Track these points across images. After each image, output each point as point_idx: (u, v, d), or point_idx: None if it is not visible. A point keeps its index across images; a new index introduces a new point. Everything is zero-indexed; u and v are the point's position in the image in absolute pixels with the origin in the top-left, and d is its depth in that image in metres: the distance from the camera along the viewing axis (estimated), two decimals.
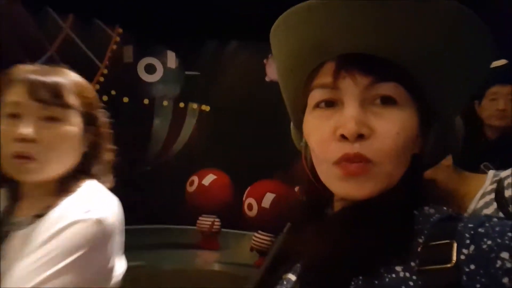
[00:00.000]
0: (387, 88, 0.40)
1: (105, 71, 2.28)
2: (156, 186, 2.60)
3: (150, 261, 2.12)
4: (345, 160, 0.41)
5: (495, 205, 0.92)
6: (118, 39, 2.34)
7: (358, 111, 0.40)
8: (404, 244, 0.40)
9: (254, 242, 2.32)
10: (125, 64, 2.36)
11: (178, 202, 2.60)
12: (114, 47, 2.31)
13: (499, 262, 0.34)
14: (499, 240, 0.36)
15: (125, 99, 2.30)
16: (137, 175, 2.49)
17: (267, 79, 2.81)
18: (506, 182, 0.87)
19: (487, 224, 0.38)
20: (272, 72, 2.78)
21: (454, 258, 0.37)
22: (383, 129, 0.40)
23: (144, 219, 2.50)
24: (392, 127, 0.40)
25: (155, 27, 2.33)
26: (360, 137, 0.40)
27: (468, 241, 0.37)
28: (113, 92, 2.31)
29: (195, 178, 2.60)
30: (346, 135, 0.40)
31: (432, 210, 0.43)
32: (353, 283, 0.40)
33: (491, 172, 0.96)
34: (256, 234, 2.32)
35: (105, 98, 2.22)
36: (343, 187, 0.42)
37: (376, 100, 0.40)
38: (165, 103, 2.45)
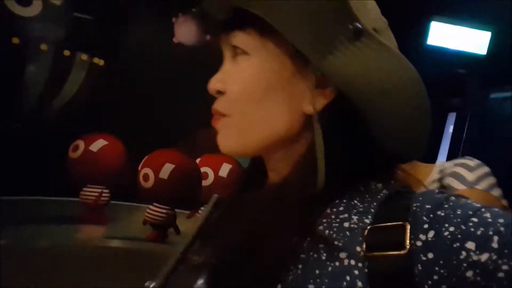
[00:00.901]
0: (233, 38, 0.40)
1: None
2: (28, 148, 2.17)
3: (21, 238, 1.78)
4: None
5: None
6: None
7: (224, 67, 0.41)
8: (325, 225, 0.37)
9: (148, 214, 2.14)
10: None
11: (57, 169, 2.24)
12: None
13: (463, 253, 0.31)
14: (463, 227, 0.32)
15: None
16: (4, 135, 2.02)
17: (174, 40, 2.56)
18: (448, 172, 0.90)
19: (446, 205, 0.35)
20: (181, 33, 2.55)
21: (408, 243, 0.33)
22: (231, 82, 0.40)
23: (13, 189, 2.08)
24: (237, 79, 0.40)
25: None
26: (219, 93, 0.41)
27: (426, 226, 0.34)
28: None
29: (80, 143, 2.26)
30: (209, 91, 0.41)
31: (379, 185, 0.40)
32: (291, 273, 0.37)
33: (438, 163, 0.96)
34: (150, 207, 2.15)
35: None
36: (217, 143, 0.43)
37: (235, 54, 0.40)
38: (43, 47, 1.98)
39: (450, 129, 3.34)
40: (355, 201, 0.39)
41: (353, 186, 0.40)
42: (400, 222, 0.35)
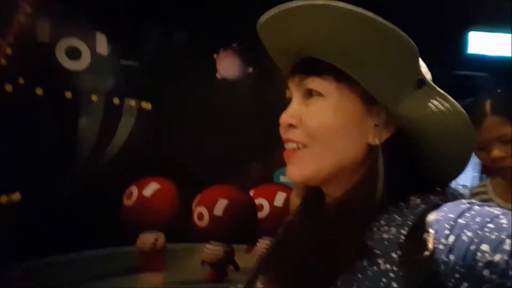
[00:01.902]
0: (311, 82, 0.47)
1: (9, 51, 1.76)
2: (84, 202, 2.17)
3: None
4: (285, 144, 0.49)
5: None
6: (29, 9, 1.82)
7: (295, 105, 0.48)
8: (372, 238, 0.43)
9: (205, 254, 2.11)
10: (38, 44, 1.86)
11: (113, 219, 2.22)
12: (23, 19, 1.80)
13: (479, 254, 0.36)
14: (479, 232, 0.37)
15: (39, 91, 1.81)
16: (57, 191, 2.03)
17: (218, 76, 2.55)
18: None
19: (467, 214, 0.40)
20: (223, 68, 2.54)
21: (431, 246, 0.39)
22: (308, 117, 0.47)
23: (71, 246, 2.06)
24: (315, 115, 0.47)
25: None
26: (292, 126, 0.48)
27: (447, 232, 0.39)
28: (20, 81, 1.80)
29: (134, 189, 2.27)
30: (281, 125, 0.49)
31: (418, 200, 0.45)
32: (341, 278, 0.43)
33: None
34: (207, 246, 2.11)
35: (9, 88, 1.73)
36: (288, 171, 0.49)
37: (308, 94, 0.48)
38: (94, 98, 2.00)
39: None
40: (395, 215, 0.45)
41: (394, 202, 0.46)
42: (427, 230, 0.40)
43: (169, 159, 2.38)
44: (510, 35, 2.95)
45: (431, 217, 0.42)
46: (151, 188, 2.26)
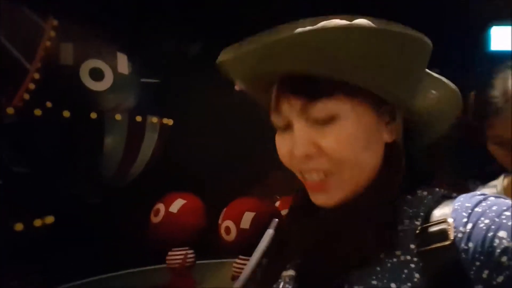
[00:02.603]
0: (321, 108, 0.43)
1: (37, 76, 1.81)
2: (110, 221, 2.17)
3: None
4: (303, 175, 0.46)
5: None
6: (53, 34, 1.88)
7: (303, 133, 0.44)
8: (391, 230, 0.43)
9: (235, 269, 2.05)
10: (63, 67, 1.91)
11: (140, 238, 2.21)
12: (48, 44, 1.85)
13: (496, 241, 0.36)
14: (496, 219, 0.38)
15: (66, 113, 1.85)
16: (84, 211, 2.04)
17: (236, 87, 2.56)
18: None
19: (483, 204, 0.40)
20: None
21: (452, 235, 0.39)
22: (330, 144, 0.43)
23: (98, 268, 2.05)
24: (338, 140, 0.43)
25: (100, 22, 1.94)
26: (310, 157, 0.44)
27: (465, 220, 0.39)
28: (48, 104, 1.84)
29: (160, 206, 2.26)
30: (297, 157, 0.44)
31: (425, 193, 0.46)
32: (356, 272, 0.43)
33: None
34: (237, 260, 2.06)
35: (38, 112, 1.77)
36: (315, 199, 0.47)
37: (318, 119, 0.43)
38: (117, 116, 2.03)
39: None
40: (405, 208, 0.45)
41: (402, 196, 0.46)
42: (444, 219, 0.41)
43: (194, 174, 2.37)
44: (510, 28, 2.86)
45: (447, 208, 0.42)
46: (177, 204, 2.25)
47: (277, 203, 2.36)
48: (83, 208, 2.03)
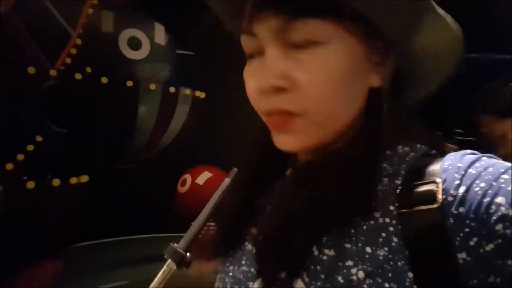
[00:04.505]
0: (301, 29, 0.36)
1: (79, 42, 1.87)
2: (140, 187, 2.25)
3: (135, 277, 1.78)
4: (269, 114, 0.40)
5: None
6: (95, 1, 1.91)
7: (277, 59, 0.37)
8: (370, 190, 0.38)
9: None
10: (104, 34, 1.95)
11: (168, 205, 2.29)
12: (90, 11, 1.90)
13: (493, 207, 0.32)
14: (494, 183, 0.33)
15: (104, 80, 1.91)
16: (118, 174, 2.13)
17: None
18: None
19: (478, 164, 0.36)
20: None
21: (440, 198, 0.34)
22: (305, 79, 0.36)
23: (126, 229, 2.15)
24: (316, 75, 0.37)
25: None
26: (279, 90, 0.37)
27: (457, 182, 0.35)
28: (88, 70, 1.90)
29: (187, 177, 2.34)
30: (263, 90, 0.38)
31: (406, 149, 0.41)
32: (326, 234, 0.38)
33: None
34: None
35: (78, 76, 1.84)
36: (277, 140, 0.41)
37: (296, 43, 0.37)
38: (152, 86, 2.07)
39: None
40: (384, 165, 0.40)
41: (381, 152, 0.41)
42: (432, 179, 0.36)
43: (222, 148, 2.40)
44: None
45: (434, 166, 0.37)
46: (204, 176, 2.31)
47: None
48: (116, 172, 2.12)
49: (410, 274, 0.35)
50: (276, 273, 0.39)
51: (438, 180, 0.36)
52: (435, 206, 0.34)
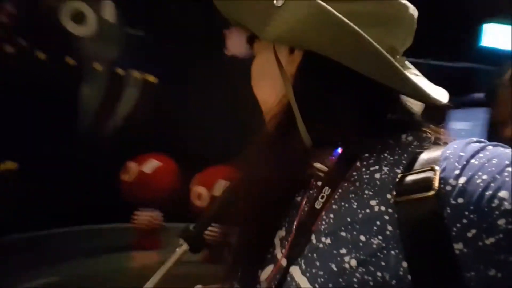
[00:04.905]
0: (253, 48, 0.52)
1: (13, 10, 1.66)
2: (81, 174, 2.11)
3: (71, 272, 1.68)
4: None
5: None
6: None
7: None
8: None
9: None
10: (43, 5, 1.75)
11: (110, 194, 2.16)
12: None
13: (496, 201, 0.32)
14: (497, 176, 0.33)
15: (41, 55, 1.72)
16: (55, 160, 1.96)
17: (227, 52, 2.45)
18: None
19: (481, 155, 0.35)
20: (233, 45, 2.44)
21: (436, 185, 0.34)
22: None
23: (63, 220, 2.00)
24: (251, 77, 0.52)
25: None
26: None
27: (457, 172, 0.34)
28: (22, 42, 1.70)
29: (133, 165, 2.22)
30: None
31: (410, 138, 0.42)
32: (324, 222, 0.41)
33: None
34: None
35: (10, 49, 1.64)
36: None
37: None
38: (97, 66, 1.91)
39: None
40: (385, 154, 0.41)
41: (383, 141, 0.42)
42: (430, 167, 0.35)
43: (172, 136, 2.31)
44: (510, 27, 2.88)
45: (434, 153, 0.37)
46: (151, 164, 2.22)
47: None
48: (51, 158, 1.94)
49: (405, 264, 0.34)
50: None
51: (436, 167, 0.35)
52: (430, 193, 0.34)
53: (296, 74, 0.45)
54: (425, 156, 0.38)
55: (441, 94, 0.47)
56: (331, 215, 0.40)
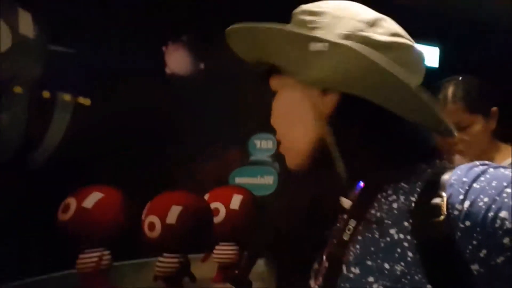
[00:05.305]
0: (271, 83, 0.53)
1: None
2: (7, 220, 1.81)
3: None
4: None
5: None
6: None
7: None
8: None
9: (158, 268, 1.86)
10: None
11: (45, 239, 1.87)
12: None
13: (498, 222, 0.35)
14: (497, 198, 0.36)
15: None
16: None
17: (167, 70, 2.34)
18: None
19: (482, 178, 0.38)
20: (173, 62, 2.33)
21: (445, 210, 0.38)
22: (272, 119, 0.54)
23: None
24: (275, 115, 0.53)
25: None
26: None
27: (462, 197, 0.38)
28: None
29: (71, 201, 1.94)
30: None
31: (424, 166, 0.45)
32: (352, 254, 0.44)
33: None
34: (160, 259, 1.87)
35: None
36: None
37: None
38: (17, 89, 1.66)
39: None
40: (402, 184, 0.45)
41: (399, 171, 0.46)
42: (439, 194, 0.39)
43: (112, 164, 2.10)
44: (437, 48, 3.30)
45: (442, 180, 0.40)
46: (92, 198, 1.97)
47: (206, 196, 2.25)
48: None
49: (429, 287, 0.37)
50: None
51: (443, 194, 0.39)
52: (441, 218, 0.37)
53: (333, 114, 0.48)
54: (434, 183, 0.41)
55: None
56: (358, 246, 0.44)
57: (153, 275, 1.94)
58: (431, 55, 3.35)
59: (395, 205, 0.43)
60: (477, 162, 0.42)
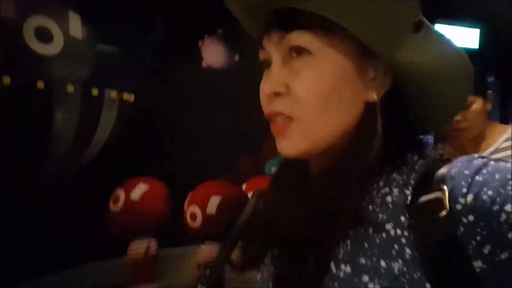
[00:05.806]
0: (297, 38, 0.40)
1: None
2: (61, 212, 1.92)
3: None
4: (269, 119, 0.43)
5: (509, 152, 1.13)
6: None
7: (278, 69, 0.42)
8: (368, 202, 0.40)
9: (200, 256, 1.94)
10: (3, 22, 1.57)
11: (97, 229, 1.98)
12: None
13: (503, 216, 0.32)
14: (501, 191, 0.33)
15: (6, 79, 1.54)
16: (29, 199, 1.76)
17: (203, 64, 2.38)
18: None
19: (484, 171, 0.36)
20: (209, 56, 2.37)
21: (447, 205, 0.35)
22: (297, 85, 0.40)
23: (48, 264, 1.80)
24: (305, 81, 0.40)
25: None
26: (278, 95, 0.41)
27: (465, 190, 0.35)
28: None
29: (120, 192, 2.06)
30: (265, 94, 0.42)
31: (416, 157, 0.43)
32: (342, 249, 0.40)
33: None
34: (202, 247, 1.96)
35: None
36: (278, 146, 0.43)
37: (292, 54, 0.41)
38: (69, 88, 1.75)
39: None
40: (394, 175, 0.42)
41: (390, 162, 0.42)
42: (439, 187, 0.36)
43: (156, 156, 2.18)
44: (478, 30, 3.20)
45: (441, 173, 0.38)
46: (139, 190, 2.07)
47: (244, 186, 2.29)
48: (28, 194, 1.74)
49: (428, 286, 0.34)
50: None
51: (444, 187, 0.36)
52: (443, 213, 0.35)
53: (382, 98, 0.43)
54: (433, 176, 0.38)
55: None
56: (348, 241, 0.40)
57: (197, 263, 2.05)
58: (471, 37, 3.27)
59: (389, 198, 0.40)
60: (475, 155, 0.39)
